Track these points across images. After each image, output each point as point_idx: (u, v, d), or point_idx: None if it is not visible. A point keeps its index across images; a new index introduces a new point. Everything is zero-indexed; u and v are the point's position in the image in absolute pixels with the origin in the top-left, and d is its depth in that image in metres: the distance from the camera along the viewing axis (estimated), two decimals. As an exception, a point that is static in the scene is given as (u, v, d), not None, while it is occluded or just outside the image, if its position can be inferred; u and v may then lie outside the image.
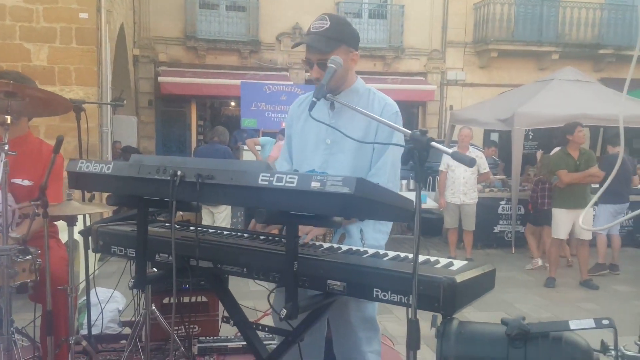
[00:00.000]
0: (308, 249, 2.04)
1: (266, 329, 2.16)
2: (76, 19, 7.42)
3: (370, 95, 2.47)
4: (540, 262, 7.36)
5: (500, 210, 8.62)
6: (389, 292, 1.78)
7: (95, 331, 3.56)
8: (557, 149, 7.07)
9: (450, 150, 1.60)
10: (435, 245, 8.79)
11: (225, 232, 2.35)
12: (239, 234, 2.30)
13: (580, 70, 10.11)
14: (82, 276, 3.62)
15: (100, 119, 7.78)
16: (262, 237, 2.22)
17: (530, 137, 12.44)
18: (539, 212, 7.42)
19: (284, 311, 1.75)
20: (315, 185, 1.58)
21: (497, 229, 8.65)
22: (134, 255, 2.22)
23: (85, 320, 3.52)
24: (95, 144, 7.56)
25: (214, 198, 1.81)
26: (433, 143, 1.60)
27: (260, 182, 1.68)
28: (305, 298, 1.91)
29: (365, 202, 1.59)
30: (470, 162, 1.54)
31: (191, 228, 2.39)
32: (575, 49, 14.91)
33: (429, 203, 7.98)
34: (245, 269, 1.99)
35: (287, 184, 1.63)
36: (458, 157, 1.55)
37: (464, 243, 7.70)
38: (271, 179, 1.66)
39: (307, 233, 2.20)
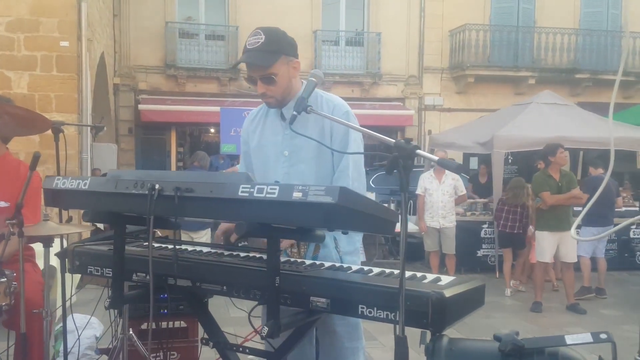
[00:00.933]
0: (290, 265, 1.99)
1: (247, 350, 2.08)
2: (57, 47, 7.41)
3: (317, 99, 2.43)
4: (508, 291, 7.28)
5: (482, 234, 8.60)
6: (375, 309, 1.72)
7: (71, 359, 3.42)
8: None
9: (436, 157, 1.58)
10: (417, 269, 8.57)
11: (204, 250, 2.29)
12: (219, 251, 2.24)
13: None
14: (59, 302, 3.49)
15: (80, 145, 7.70)
16: (242, 255, 2.17)
17: (510, 161, 12.53)
18: (504, 235, 7.39)
19: (266, 329, 1.69)
20: (297, 195, 1.54)
21: (480, 252, 8.61)
22: (110, 274, 2.14)
23: (62, 348, 3.38)
24: (75, 170, 7.46)
25: (194, 212, 1.76)
26: (418, 151, 1.57)
27: (240, 193, 1.63)
28: (288, 315, 1.85)
29: (348, 212, 1.55)
30: (457, 168, 1.52)
31: (170, 246, 2.33)
32: (551, 74, 15.12)
33: (410, 227, 7.95)
34: (224, 287, 1.93)
35: (268, 195, 1.59)
36: (444, 164, 1.53)
37: (446, 267, 7.64)
38: (251, 190, 1.62)
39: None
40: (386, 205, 8.77)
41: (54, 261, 3.04)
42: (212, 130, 13.97)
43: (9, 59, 7.22)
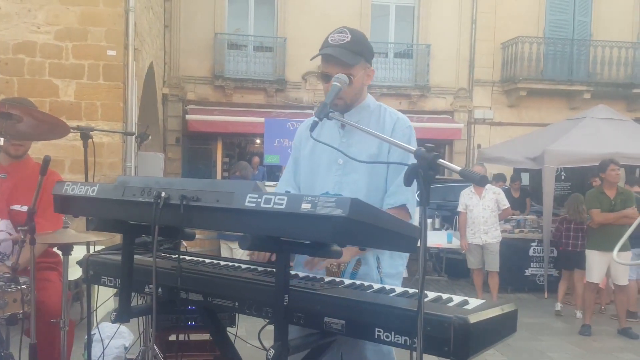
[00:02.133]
0: (305, 282, 1.85)
1: (260, 370, 1.95)
2: (104, 56, 7.54)
3: (381, 111, 2.36)
4: (559, 305, 6.99)
5: (531, 252, 8.23)
6: (392, 333, 1.57)
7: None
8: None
9: (458, 168, 1.41)
10: (462, 287, 8.44)
11: (222, 263, 2.18)
12: (235, 264, 2.13)
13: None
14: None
15: (124, 153, 7.80)
16: (260, 269, 2.05)
17: (563, 177, 12.04)
18: (567, 254, 7.05)
19: (272, 351, 1.56)
20: (305, 207, 1.41)
21: (528, 272, 8.24)
22: (121, 286, 2.06)
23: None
24: (118, 178, 7.55)
25: (200, 222, 1.65)
26: (440, 160, 1.42)
27: (247, 204, 1.51)
28: (299, 337, 1.71)
29: (361, 226, 1.40)
30: (480, 181, 1.35)
31: (187, 258, 2.23)
32: (607, 88, 14.55)
33: (455, 243, 7.69)
34: (236, 303, 1.81)
35: (275, 206, 1.46)
36: (466, 174, 1.37)
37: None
38: (259, 200, 1.49)
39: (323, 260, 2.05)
40: (431, 220, 8.55)
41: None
42: (258, 141, 14.04)
43: (57, 67, 7.40)
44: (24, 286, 2.36)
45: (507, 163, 9.55)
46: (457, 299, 1.75)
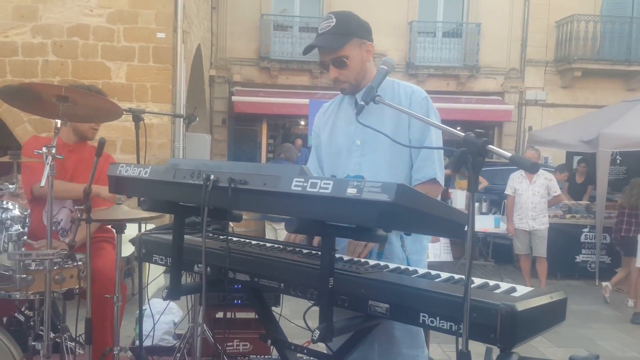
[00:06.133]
0: (350, 266, 1.86)
1: (304, 351, 1.98)
2: (154, 39, 7.67)
3: (394, 86, 2.33)
4: (609, 288, 6.79)
5: (583, 239, 8.00)
6: (437, 318, 1.56)
7: (149, 343, 3.51)
8: None
9: (508, 154, 1.38)
10: (509, 273, 8.29)
11: (267, 245, 2.22)
12: (281, 246, 2.16)
13: (674, 91, 9.35)
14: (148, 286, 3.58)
15: (172, 134, 7.97)
16: (304, 251, 2.07)
17: (618, 161, 11.60)
18: (627, 240, 6.82)
19: (317, 333, 1.58)
20: (351, 191, 1.41)
21: (579, 258, 8.02)
22: (172, 264, 2.12)
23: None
24: (167, 158, 7.72)
25: (247, 205, 1.68)
26: (490, 146, 1.39)
27: (293, 187, 1.53)
28: (344, 319, 1.72)
29: (406, 211, 1.39)
30: (531, 167, 1.32)
31: (234, 239, 2.28)
32: (668, 69, 13.91)
33: (502, 227, 7.55)
34: (282, 284, 1.84)
35: (321, 190, 1.47)
36: (517, 161, 1.33)
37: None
38: (305, 184, 1.51)
39: (365, 245, 2.07)
40: (478, 204, 8.41)
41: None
42: (302, 122, 14.08)
43: (109, 50, 7.59)
44: (80, 262, 2.46)
45: (560, 146, 9.26)
46: (504, 286, 1.73)
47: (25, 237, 2.32)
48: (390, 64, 2.03)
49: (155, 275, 4.04)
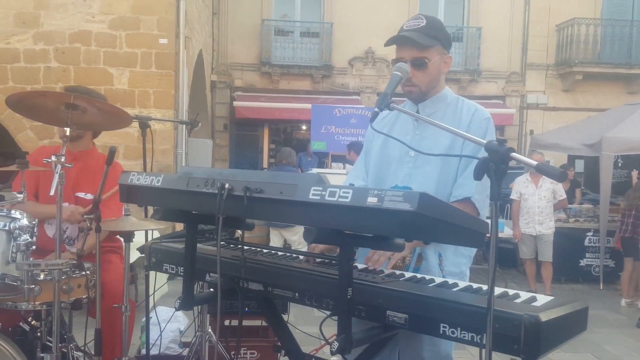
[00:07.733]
0: (367, 275, 1.83)
1: (319, 362, 1.95)
2: (156, 45, 7.68)
3: (458, 103, 2.30)
4: (624, 302, 6.76)
5: (587, 242, 7.97)
6: (459, 329, 1.53)
7: (156, 351, 3.48)
8: None
9: (534, 162, 1.35)
10: (513, 277, 8.26)
11: (279, 253, 2.19)
12: (294, 255, 2.13)
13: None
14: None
15: (175, 140, 7.95)
16: (318, 260, 2.04)
17: (620, 164, 11.59)
18: (627, 241, 6.83)
19: (336, 344, 1.55)
20: (372, 200, 1.38)
21: (583, 262, 7.99)
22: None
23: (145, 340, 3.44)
24: (170, 164, 7.73)
25: (263, 214, 1.65)
26: (514, 154, 1.36)
27: (311, 196, 1.50)
28: (362, 330, 1.69)
29: (429, 221, 1.36)
30: (560, 176, 1.29)
31: (246, 248, 2.25)
32: (669, 72, 13.93)
33: (506, 232, 7.51)
34: (296, 294, 1.81)
35: (340, 199, 1.44)
36: (544, 170, 1.31)
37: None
38: (323, 193, 1.48)
39: (390, 257, 2.02)
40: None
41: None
42: (304, 127, 14.09)
43: (111, 56, 7.59)
44: (88, 272, 2.43)
45: (562, 150, 9.25)
46: (524, 295, 1.70)
47: (34, 247, 2.29)
48: (405, 70, 1.99)
49: (160, 283, 4.02)
